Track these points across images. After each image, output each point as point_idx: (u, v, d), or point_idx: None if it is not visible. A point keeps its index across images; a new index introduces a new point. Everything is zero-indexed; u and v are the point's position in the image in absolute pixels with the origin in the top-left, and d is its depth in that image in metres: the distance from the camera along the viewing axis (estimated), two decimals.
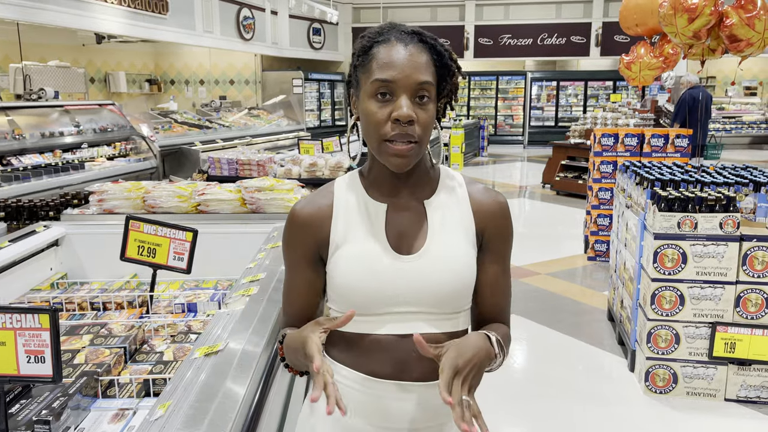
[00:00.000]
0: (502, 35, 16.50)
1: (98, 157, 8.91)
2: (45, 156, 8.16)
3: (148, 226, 2.30)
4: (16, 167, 7.69)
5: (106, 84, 13.72)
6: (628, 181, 3.73)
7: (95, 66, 13.59)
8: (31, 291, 2.45)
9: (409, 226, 1.16)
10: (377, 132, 1.07)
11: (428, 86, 1.07)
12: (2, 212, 2.91)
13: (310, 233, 1.18)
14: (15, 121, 8.07)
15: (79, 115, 9.21)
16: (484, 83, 17.67)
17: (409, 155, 1.07)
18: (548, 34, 16.15)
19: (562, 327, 4.15)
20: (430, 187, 1.19)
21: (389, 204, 1.17)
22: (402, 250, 1.14)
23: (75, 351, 1.82)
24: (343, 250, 1.15)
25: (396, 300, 1.12)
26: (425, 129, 1.08)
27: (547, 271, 5.38)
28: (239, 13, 12.55)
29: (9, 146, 7.77)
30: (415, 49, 1.08)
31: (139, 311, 2.27)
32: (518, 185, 10.64)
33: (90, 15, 9.49)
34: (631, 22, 5.09)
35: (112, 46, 12.96)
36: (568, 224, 7.15)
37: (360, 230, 1.15)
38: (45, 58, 11.16)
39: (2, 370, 1.33)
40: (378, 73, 1.06)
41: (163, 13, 10.62)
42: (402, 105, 1.05)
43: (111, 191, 2.88)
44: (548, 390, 3.37)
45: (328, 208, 1.18)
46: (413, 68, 1.06)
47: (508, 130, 17.68)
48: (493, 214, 1.19)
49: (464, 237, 1.16)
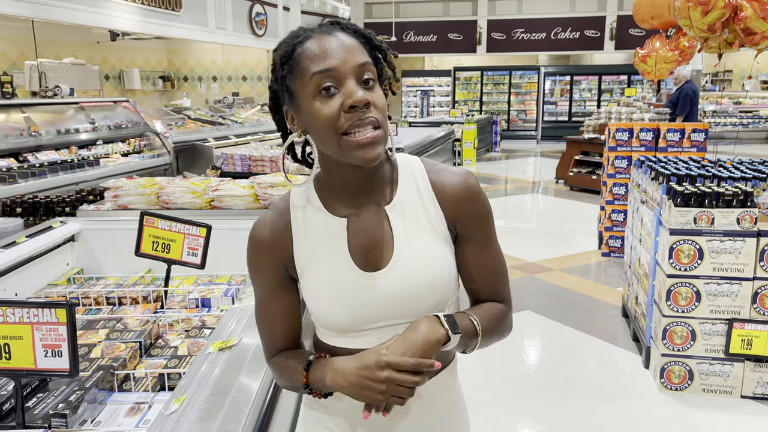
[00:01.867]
0: (515, 30, 16.40)
1: (113, 153, 8.99)
2: (61, 153, 8.24)
3: (163, 221, 2.32)
4: (33, 164, 7.78)
5: (120, 81, 13.82)
6: (643, 177, 3.69)
7: (110, 63, 13.69)
8: (48, 286, 2.47)
9: (373, 240, 1.07)
10: (332, 129, 0.97)
11: (369, 67, 1.00)
12: (19, 208, 2.94)
13: (274, 256, 1.11)
14: (31, 118, 8.15)
15: (94, 112, 9.29)
16: (496, 78, 17.58)
17: (378, 142, 0.98)
18: (562, 28, 16.02)
19: (576, 323, 4.12)
20: (391, 186, 1.10)
21: (349, 217, 1.08)
22: (369, 266, 1.06)
23: (91, 345, 1.83)
24: (309, 274, 1.09)
25: (373, 318, 1.06)
26: (383, 113, 1.00)
27: (560, 267, 5.35)
28: (251, 9, 12.59)
29: (25, 143, 7.85)
30: (342, 35, 1.00)
31: (153, 306, 2.29)
32: (531, 181, 10.59)
33: (104, 12, 9.56)
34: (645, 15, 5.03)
35: (126, 43, 13.03)
36: (582, 220, 7.10)
37: (323, 251, 1.08)
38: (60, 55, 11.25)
39: (19, 364, 1.35)
40: (314, 67, 0.97)
41: (177, 10, 10.67)
42: (353, 89, 0.96)
43: (126, 187, 2.90)
44: (561, 386, 3.35)
45: (287, 227, 1.10)
46: (348, 53, 0.98)
47: (521, 125, 17.59)
48: (462, 199, 1.09)
49: (434, 236, 1.08)
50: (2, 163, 7.39)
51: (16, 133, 7.86)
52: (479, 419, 3.03)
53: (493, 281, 1.15)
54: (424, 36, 17.03)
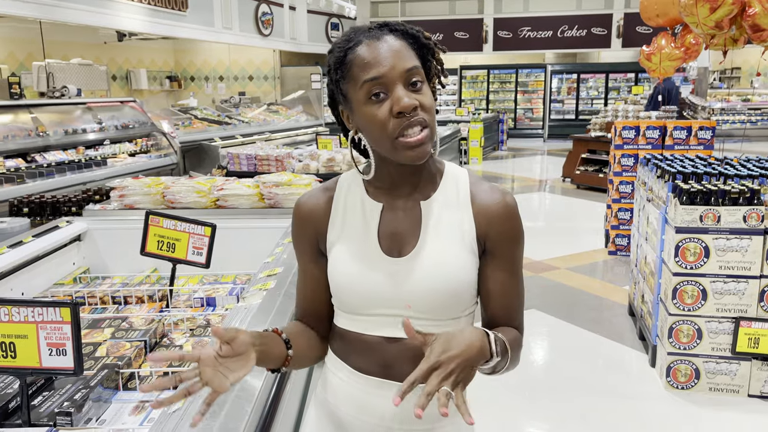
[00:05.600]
0: (522, 28, 16.36)
1: (120, 153, 9.03)
2: (68, 153, 8.29)
3: (168, 221, 2.33)
4: (40, 164, 7.82)
5: (127, 81, 13.88)
6: (649, 174, 3.68)
7: (117, 63, 13.74)
8: (54, 285, 2.48)
9: (402, 228, 1.12)
10: (385, 133, 1.03)
11: (417, 70, 1.04)
12: (26, 208, 2.96)
13: (310, 227, 1.17)
14: (39, 119, 8.20)
15: (102, 112, 9.34)
16: (503, 77, 17.55)
17: (425, 142, 1.03)
18: (568, 26, 15.97)
19: (582, 322, 4.11)
20: (432, 186, 1.14)
21: (386, 204, 1.14)
22: (393, 252, 1.11)
23: (97, 344, 1.84)
24: (337, 248, 1.14)
25: (384, 303, 1.10)
26: (430, 113, 1.05)
27: (566, 266, 5.34)
28: (258, 9, 12.60)
29: (33, 143, 7.90)
30: (390, 39, 1.05)
31: (159, 305, 2.30)
32: (538, 179, 10.56)
33: (111, 13, 9.60)
34: (651, 12, 5.01)
35: (133, 44, 13.09)
36: (589, 218, 7.08)
37: (354, 229, 1.13)
38: (68, 55, 11.31)
39: (25, 363, 1.36)
40: (365, 75, 1.03)
41: (183, 10, 10.70)
42: (400, 96, 1.01)
43: (131, 187, 2.92)
44: (567, 385, 3.34)
45: (327, 203, 1.17)
46: (396, 58, 1.03)
47: (528, 124, 17.56)
48: (497, 216, 1.11)
49: (460, 241, 1.10)
50: (10, 163, 7.44)
51: (24, 133, 7.90)
52: (484, 418, 3.03)
53: (511, 306, 1.16)
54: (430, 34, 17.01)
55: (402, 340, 1.09)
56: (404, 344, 1.09)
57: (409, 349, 1.08)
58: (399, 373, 1.09)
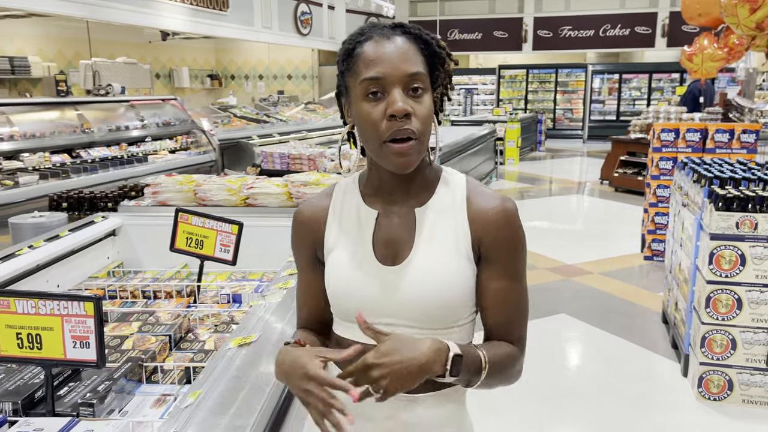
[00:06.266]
0: (563, 27, 16.11)
1: (161, 150, 9.24)
2: (111, 149, 8.52)
3: (196, 218, 2.38)
4: (85, 160, 8.07)
5: (170, 79, 14.20)
6: (686, 179, 3.58)
7: (160, 62, 14.06)
8: (89, 278, 2.56)
9: (397, 235, 1.10)
10: (375, 133, 1.02)
11: (420, 77, 1.02)
12: (65, 203, 3.06)
13: (309, 235, 1.17)
14: (84, 116, 8.46)
15: (144, 110, 9.57)
16: (542, 76, 17.32)
17: (411, 153, 1.02)
18: (611, 25, 15.66)
19: (614, 328, 4.03)
20: (428, 192, 1.12)
21: (381, 211, 1.12)
22: (387, 260, 1.10)
23: (124, 337, 1.89)
24: (333, 255, 1.13)
25: (378, 311, 1.08)
26: (424, 123, 1.02)
27: (600, 270, 5.24)
28: (297, 8, 12.73)
29: (78, 139, 8.16)
30: (400, 41, 1.03)
31: (186, 300, 2.35)
32: (575, 181, 10.39)
33: (154, 13, 9.83)
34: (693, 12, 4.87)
35: (177, 43, 13.38)
36: (626, 222, 6.93)
37: (350, 236, 1.12)
38: (114, 54, 11.63)
39: (50, 354, 1.41)
40: (365, 72, 1.02)
41: (224, 10, 10.88)
42: (396, 99, 1.00)
43: (164, 184, 2.99)
44: (595, 393, 3.29)
45: (324, 211, 1.16)
46: (401, 60, 1.01)
47: (567, 125, 17.29)
48: (493, 222, 1.08)
49: (454, 248, 1.08)
50: (56, 158, 7.70)
51: (70, 129, 8.16)
52: (507, 423, 3.01)
53: (508, 316, 1.12)
54: (468, 34, 16.91)
55: None
56: None
57: None
58: None
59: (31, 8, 7.91)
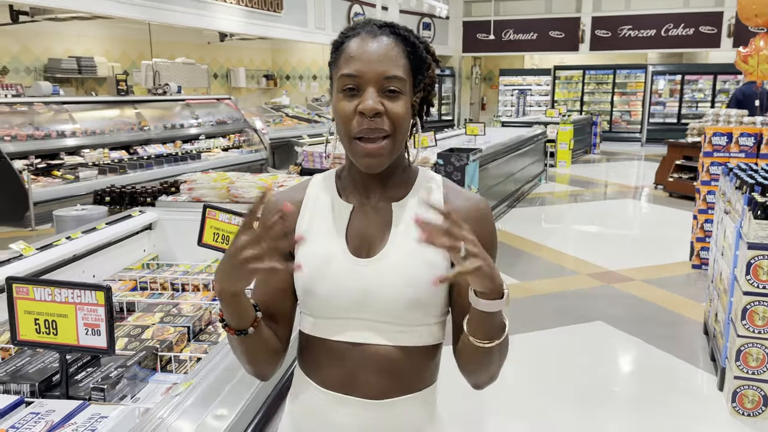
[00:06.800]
0: (622, 26, 15.68)
1: (214, 148, 9.52)
2: (167, 146, 8.84)
3: (223, 214, 2.47)
4: (141, 156, 8.39)
5: (227, 79, 14.58)
6: (729, 185, 3.45)
7: (218, 62, 14.46)
8: (124, 270, 2.68)
9: (372, 229, 1.10)
10: (346, 129, 1.03)
11: (397, 80, 1.02)
12: (108, 197, 3.22)
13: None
14: (142, 114, 8.81)
15: (199, 109, 9.89)
16: (599, 77, 16.90)
17: (381, 154, 1.02)
18: (674, 24, 15.13)
19: (652, 338, 3.91)
20: (405, 189, 1.12)
21: (356, 205, 1.12)
22: (361, 253, 1.08)
23: (145, 327, 1.98)
24: (304, 247, 1.11)
25: (348, 305, 1.07)
26: (397, 123, 1.02)
27: (643, 277, 5.09)
28: (350, 9, 12.87)
29: (136, 137, 8.51)
30: (385, 40, 1.03)
31: (212, 294, 2.43)
32: (628, 185, 10.10)
33: (211, 15, 10.12)
34: (750, 12, 4.68)
35: (234, 44, 13.74)
36: (677, 229, 6.69)
37: (321, 230, 1.11)
38: (174, 55, 12.05)
39: (65, 340, 1.50)
40: (344, 68, 1.03)
41: (278, 11, 11.11)
42: (367, 97, 1.01)
43: (199, 181, 3.10)
44: (624, 403, 3.21)
45: (297, 204, 1.14)
46: (380, 61, 1.01)
47: (625, 127, 16.80)
48: (470, 221, 1.05)
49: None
50: (115, 155, 8.05)
51: (128, 127, 8.51)
52: (539, 430, 2.98)
53: None
54: (523, 34, 16.67)
55: (366, 346, 1.07)
56: (369, 350, 1.07)
57: (373, 356, 1.07)
58: (363, 385, 1.07)
59: (95, 11, 8.29)
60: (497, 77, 18.46)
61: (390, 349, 1.07)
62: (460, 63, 17.96)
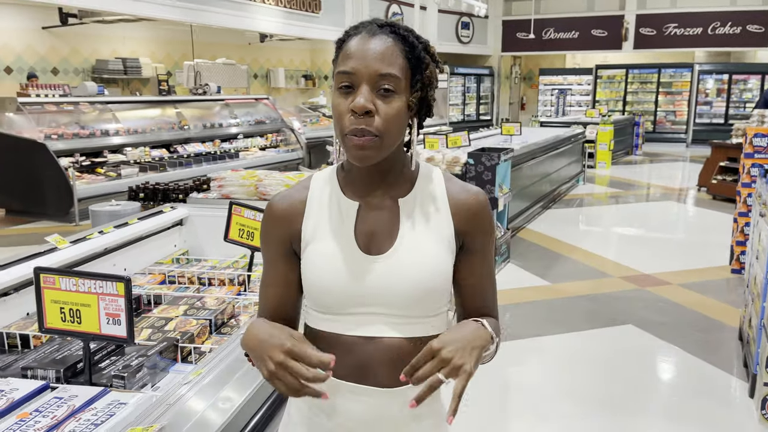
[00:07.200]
0: (667, 24, 15.32)
1: (251, 147, 9.69)
2: (206, 145, 9.04)
3: (249, 211, 2.53)
4: (181, 155, 8.60)
5: (267, 79, 14.80)
6: (765, 187, 3.35)
7: (258, 63, 14.68)
8: (154, 264, 2.77)
9: (380, 226, 1.12)
10: (339, 125, 1.05)
11: (392, 79, 1.03)
12: (142, 194, 3.32)
13: (283, 228, 1.16)
14: (182, 113, 9.02)
15: (237, 108, 10.07)
16: (643, 76, 16.51)
17: (368, 148, 1.03)
18: (721, 22, 14.69)
19: (684, 343, 3.82)
20: (408, 185, 1.14)
21: (362, 202, 1.13)
22: (371, 250, 1.11)
23: (169, 319, 2.05)
24: (312, 247, 1.13)
25: (361, 301, 1.09)
26: (388, 122, 1.03)
27: (680, 281, 4.97)
28: (388, 9, 12.91)
29: (176, 135, 8.73)
30: (384, 40, 1.05)
31: (237, 288, 2.50)
32: (669, 187, 9.86)
33: (251, 16, 10.29)
34: None
35: (274, 44, 13.94)
36: (718, 232, 6.49)
37: (330, 228, 1.12)
38: (215, 56, 12.29)
39: (88, 328, 1.56)
40: (341, 65, 1.05)
41: (316, 12, 11.23)
42: (359, 96, 1.02)
43: (228, 178, 3.18)
44: (652, 408, 3.15)
45: (302, 203, 1.16)
46: (375, 59, 1.03)
47: (669, 127, 16.38)
48: (472, 212, 1.13)
49: (438, 238, 1.11)
50: (156, 153, 8.27)
51: (169, 126, 8.73)
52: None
53: (489, 297, 1.18)
54: (565, 33, 16.43)
55: (379, 339, 1.10)
56: (381, 344, 1.10)
57: (385, 348, 1.10)
58: (374, 375, 1.10)
59: (139, 13, 8.53)
60: (537, 77, 18.24)
61: (401, 340, 1.10)
62: (499, 62, 17.81)
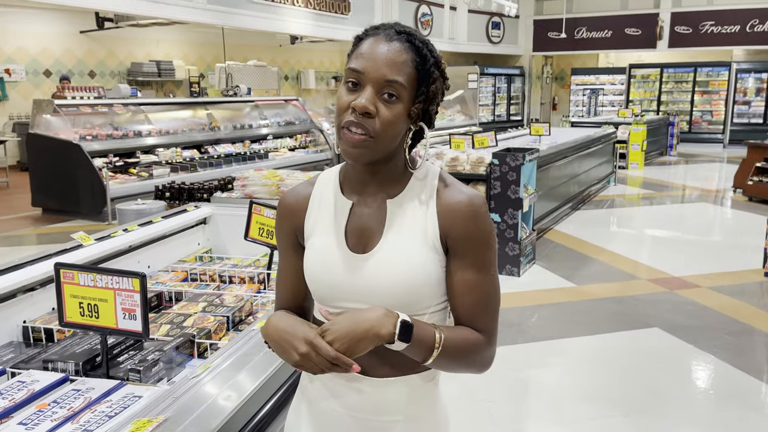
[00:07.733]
0: (704, 22, 14.98)
1: (281, 147, 9.79)
2: (236, 146, 9.17)
3: (268, 210, 2.56)
4: (212, 155, 8.73)
5: (297, 81, 14.94)
6: None
7: (289, 64, 14.83)
8: (178, 261, 2.82)
9: (369, 225, 1.16)
10: (338, 118, 1.09)
11: (397, 86, 1.06)
12: (168, 193, 3.39)
13: (291, 221, 1.23)
14: (213, 115, 9.17)
15: (267, 110, 10.19)
16: (678, 75, 16.15)
17: (360, 146, 1.07)
18: (759, 20, 14.31)
19: (712, 348, 3.74)
20: (400, 185, 1.17)
21: (357, 201, 1.17)
22: (358, 248, 1.15)
23: (188, 315, 2.09)
24: (311, 241, 1.19)
25: (347, 296, 1.14)
26: (385, 126, 1.06)
27: (710, 284, 4.86)
28: (418, 10, 12.91)
29: (207, 136, 8.87)
30: (397, 46, 1.07)
31: (257, 287, 2.53)
32: (703, 189, 9.64)
33: (280, 18, 10.40)
34: None
35: (304, 46, 14.08)
36: (753, 235, 6.32)
37: (325, 224, 1.18)
38: (247, 58, 12.47)
39: (105, 323, 1.61)
40: (353, 62, 1.08)
41: (345, 14, 11.29)
42: (363, 96, 1.05)
43: (251, 178, 3.22)
44: (675, 413, 3.09)
45: (306, 199, 1.22)
46: (385, 64, 1.06)
47: (706, 128, 16.00)
48: (459, 215, 1.12)
49: (422, 239, 1.13)
50: (187, 153, 8.42)
51: (200, 127, 8.88)
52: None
53: (474, 307, 1.14)
54: (597, 32, 16.20)
55: None
56: None
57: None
58: (365, 365, 1.12)
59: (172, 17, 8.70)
60: (569, 76, 18.02)
61: None
62: (530, 62, 17.65)
